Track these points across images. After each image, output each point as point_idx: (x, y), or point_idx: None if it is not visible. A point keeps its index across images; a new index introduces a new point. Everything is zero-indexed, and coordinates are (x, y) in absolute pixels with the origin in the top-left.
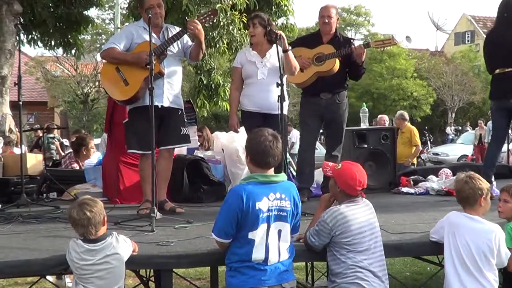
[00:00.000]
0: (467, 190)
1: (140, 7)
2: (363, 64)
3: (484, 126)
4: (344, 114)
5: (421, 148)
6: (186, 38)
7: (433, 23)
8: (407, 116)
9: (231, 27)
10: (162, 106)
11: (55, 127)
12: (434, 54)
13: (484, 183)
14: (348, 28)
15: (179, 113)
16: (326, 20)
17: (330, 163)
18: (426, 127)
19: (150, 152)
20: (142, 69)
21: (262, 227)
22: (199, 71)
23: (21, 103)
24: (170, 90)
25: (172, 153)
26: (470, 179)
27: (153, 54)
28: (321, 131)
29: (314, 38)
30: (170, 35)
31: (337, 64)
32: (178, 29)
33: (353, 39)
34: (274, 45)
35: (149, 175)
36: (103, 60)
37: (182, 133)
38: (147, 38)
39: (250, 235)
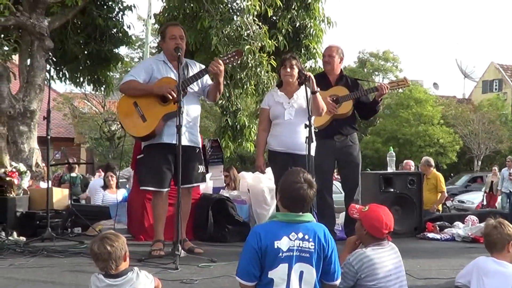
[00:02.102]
0: (495, 235)
1: (162, 38)
2: (381, 101)
3: (498, 173)
4: (359, 155)
5: (446, 195)
6: (206, 77)
7: (461, 71)
8: (432, 163)
9: (258, 69)
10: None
11: (82, 162)
12: (461, 102)
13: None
14: (376, 73)
15: (197, 151)
16: (327, 60)
17: (357, 205)
18: (452, 175)
19: (165, 190)
20: (161, 106)
21: (282, 267)
22: (225, 112)
23: (49, 137)
24: (189, 128)
25: (190, 191)
26: (500, 225)
27: (175, 91)
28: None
29: (322, 80)
30: (190, 71)
31: (352, 107)
32: (197, 65)
33: (360, 80)
34: (302, 86)
35: (162, 214)
36: (121, 94)
37: (199, 171)
38: (166, 73)
39: (270, 274)
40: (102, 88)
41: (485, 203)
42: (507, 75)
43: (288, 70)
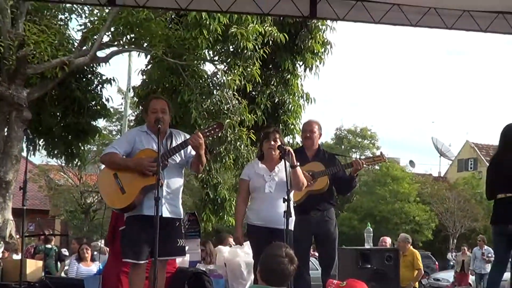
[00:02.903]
0: None
1: (144, 111)
2: (356, 177)
3: (467, 252)
4: (335, 231)
5: (423, 272)
6: (190, 147)
7: (437, 149)
8: (410, 239)
9: (238, 143)
10: (160, 216)
11: (56, 233)
12: (437, 180)
13: None
14: (353, 150)
15: (177, 224)
16: (308, 135)
17: (335, 281)
18: (430, 254)
19: (143, 262)
20: (141, 178)
21: None
22: (205, 185)
23: (25, 207)
24: (169, 200)
25: (165, 265)
26: None
27: (154, 169)
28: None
29: (299, 155)
30: (174, 142)
31: (328, 182)
32: (183, 134)
33: (337, 155)
34: (282, 161)
35: (138, 286)
36: (102, 165)
37: (178, 244)
38: (148, 145)
39: None
40: (75, 161)
41: (456, 283)
42: (482, 154)
43: (272, 143)
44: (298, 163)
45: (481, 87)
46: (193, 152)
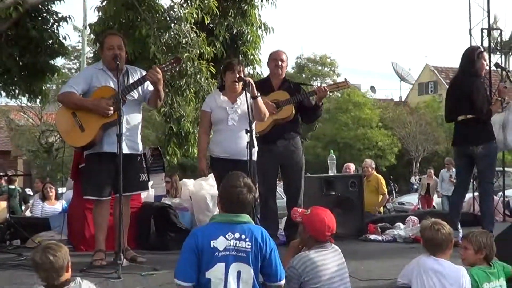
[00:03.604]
0: (439, 237)
1: (100, 47)
2: (322, 105)
3: (433, 175)
4: (302, 160)
5: (388, 197)
6: (147, 82)
7: (397, 74)
8: (374, 165)
9: (198, 76)
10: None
11: (19, 173)
12: (399, 104)
13: (449, 228)
14: (314, 78)
15: (138, 159)
16: (280, 63)
17: (300, 209)
18: (391, 177)
19: (106, 198)
20: (99, 115)
21: (219, 266)
22: (168, 119)
23: None
24: (129, 136)
25: (129, 200)
26: (439, 226)
27: (112, 111)
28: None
29: (264, 85)
30: (130, 78)
31: (293, 110)
32: (139, 71)
33: (302, 84)
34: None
35: (103, 223)
36: (59, 105)
37: (141, 179)
38: (105, 82)
39: (207, 274)
40: (38, 99)
41: (420, 206)
42: (441, 77)
43: (236, 74)
44: (259, 94)
45: (438, 9)
46: (151, 88)
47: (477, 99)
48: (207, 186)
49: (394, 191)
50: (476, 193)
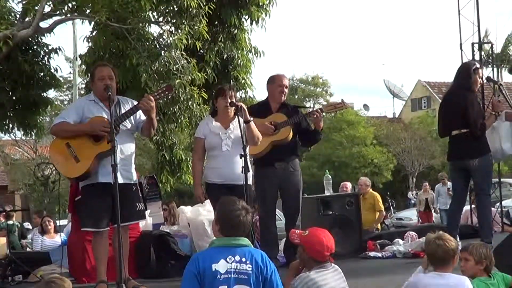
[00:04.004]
0: (441, 252)
1: (91, 79)
2: (321, 129)
3: (429, 189)
4: (300, 182)
5: (384, 214)
6: (139, 112)
7: (389, 91)
8: (369, 182)
9: (190, 102)
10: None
11: (17, 209)
12: (392, 121)
13: (454, 242)
14: (307, 99)
15: (134, 189)
16: (284, 90)
17: (297, 230)
18: (388, 193)
19: (104, 229)
20: (94, 145)
21: None
22: (160, 147)
23: None
24: (123, 166)
25: (127, 230)
26: (442, 240)
27: (108, 129)
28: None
29: (263, 108)
30: (122, 109)
31: (291, 132)
32: (130, 101)
33: (300, 107)
34: (236, 117)
35: (103, 254)
36: (53, 137)
37: (137, 209)
38: (98, 113)
39: None
40: (33, 133)
41: (420, 223)
42: (434, 92)
43: (228, 99)
44: (252, 118)
45: (428, 25)
46: (143, 117)
47: (471, 114)
48: (204, 212)
49: (391, 207)
50: (473, 205)
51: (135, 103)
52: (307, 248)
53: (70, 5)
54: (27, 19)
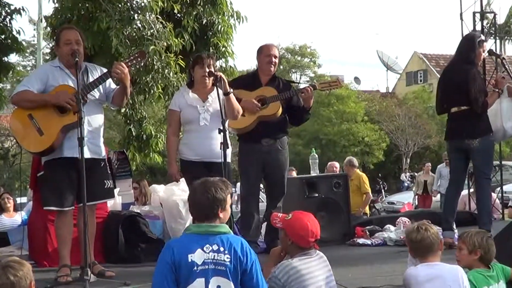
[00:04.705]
0: (429, 238)
1: (56, 43)
2: (310, 109)
3: (430, 171)
4: (286, 161)
5: (371, 196)
6: (109, 81)
7: (383, 63)
8: (356, 162)
9: (166, 71)
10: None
11: None
12: (385, 96)
13: (434, 228)
14: (293, 70)
15: (102, 164)
16: (273, 60)
17: (280, 214)
18: (380, 174)
19: (69, 208)
20: (59, 117)
21: (198, 281)
22: (128, 121)
23: None
24: (91, 140)
25: (94, 210)
26: (425, 227)
27: (74, 101)
28: None
29: (252, 80)
30: (90, 77)
31: (280, 108)
32: (99, 68)
33: (293, 82)
34: (215, 88)
35: (66, 236)
36: (14, 107)
37: (106, 186)
38: (63, 80)
39: None
40: None
41: (417, 207)
42: (431, 65)
43: (207, 69)
44: (231, 90)
45: None
46: (113, 86)
47: (473, 89)
48: (178, 192)
49: (383, 190)
50: (471, 190)
51: (105, 70)
52: (290, 233)
53: None
54: None
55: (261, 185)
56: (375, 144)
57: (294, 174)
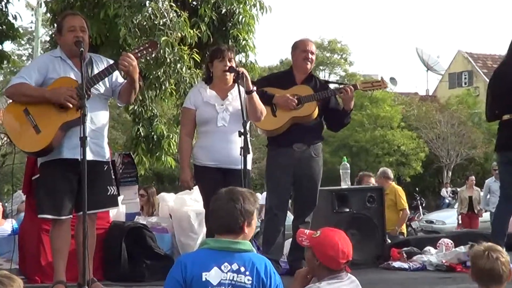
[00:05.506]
0: (499, 269)
1: (57, 31)
2: (351, 111)
3: (475, 186)
4: (320, 172)
5: (408, 213)
6: (116, 74)
7: (423, 62)
8: (391, 174)
9: (179, 65)
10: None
11: None
12: (425, 99)
13: (506, 255)
14: (321, 67)
15: (105, 168)
16: (309, 56)
17: (306, 231)
18: (417, 189)
19: (66, 217)
20: (58, 112)
21: None
22: (137, 119)
23: None
24: (94, 139)
25: (95, 220)
26: (499, 254)
27: (76, 100)
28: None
29: (285, 77)
30: (95, 69)
31: (316, 109)
32: (105, 60)
33: (332, 83)
34: (236, 86)
35: (63, 248)
36: (9, 100)
37: (109, 193)
38: (65, 73)
39: None
40: None
41: (461, 227)
42: (478, 66)
43: (228, 63)
44: (255, 88)
45: None
46: (120, 80)
47: None
48: (190, 201)
49: (420, 207)
50: None
51: (111, 62)
52: (318, 252)
53: None
54: None
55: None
56: (412, 153)
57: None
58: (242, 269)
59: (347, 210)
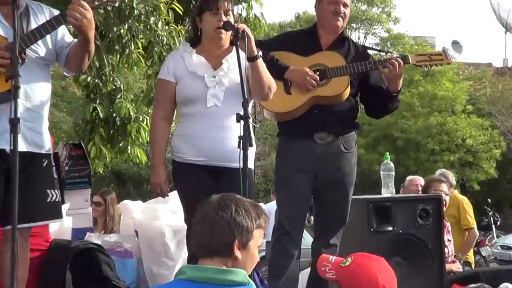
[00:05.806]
0: None
1: None
2: (399, 93)
3: None
4: (353, 173)
5: (477, 234)
6: (63, 29)
7: (499, 20)
8: (453, 179)
9: (152, 19)
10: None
11: None
12: (502, 73)
13: None
14: (353, 25)
15: (45, 163)
16: (341, 10)
17: (332, 257)
18: (490, 200)
19: None
20: None
21: None
22: (92, 95)
23: None
24: (30, 123)
25: (28, 237)
26: None
27: (6, 60)
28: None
29: (305, 40)
30: (33, 22)
31: (349, 87)
32: (48, 9)
33: (376, 50)
34: (234, 50)
35: None
36: None
37: (49, 200)
38: None
39: None
40: None
41: None
42: None
43: (223, 17)
44: (261, 53)
45: None
46: (69, 38)
47: None
48: (165, 214)
49: (494, 226)
50: None
51: (56, 13)
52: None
53: None
54: None
55: None
56: (483, 150)
57: None
58: None
59: (390, 228)
